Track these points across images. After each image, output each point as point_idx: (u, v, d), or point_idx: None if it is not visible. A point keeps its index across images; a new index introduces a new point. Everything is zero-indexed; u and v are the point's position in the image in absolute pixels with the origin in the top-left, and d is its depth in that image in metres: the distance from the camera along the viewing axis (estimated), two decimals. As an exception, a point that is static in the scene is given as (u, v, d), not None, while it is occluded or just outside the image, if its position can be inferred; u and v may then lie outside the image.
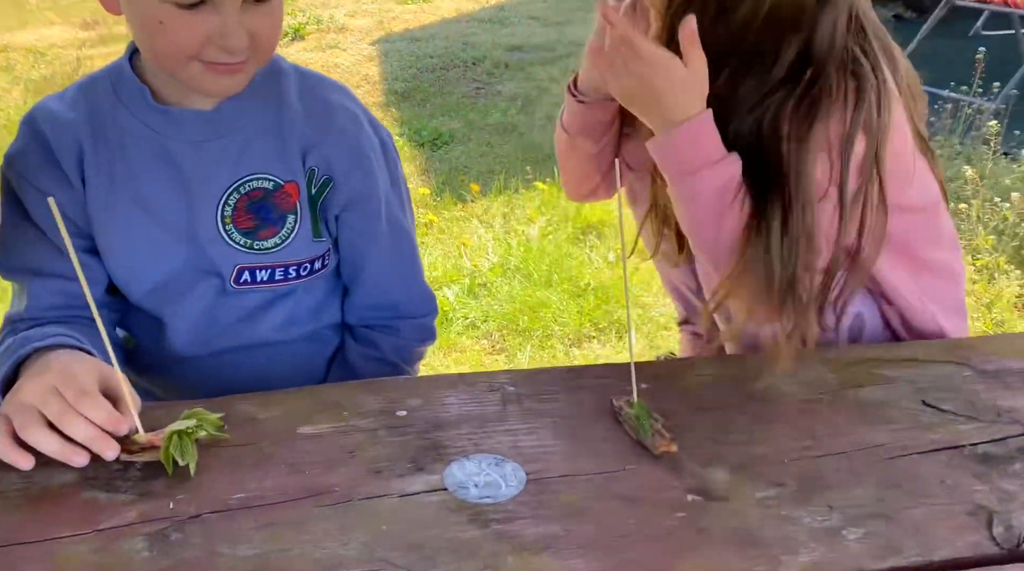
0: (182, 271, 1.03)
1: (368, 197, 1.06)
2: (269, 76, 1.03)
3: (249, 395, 0.88)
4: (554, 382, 0.92)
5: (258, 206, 1.01)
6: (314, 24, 5.88)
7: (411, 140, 4.01)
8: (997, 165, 3.01)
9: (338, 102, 1.05)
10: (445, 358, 2.42)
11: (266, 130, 1.02)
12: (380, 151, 1.08)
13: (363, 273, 1.11)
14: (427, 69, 5.00)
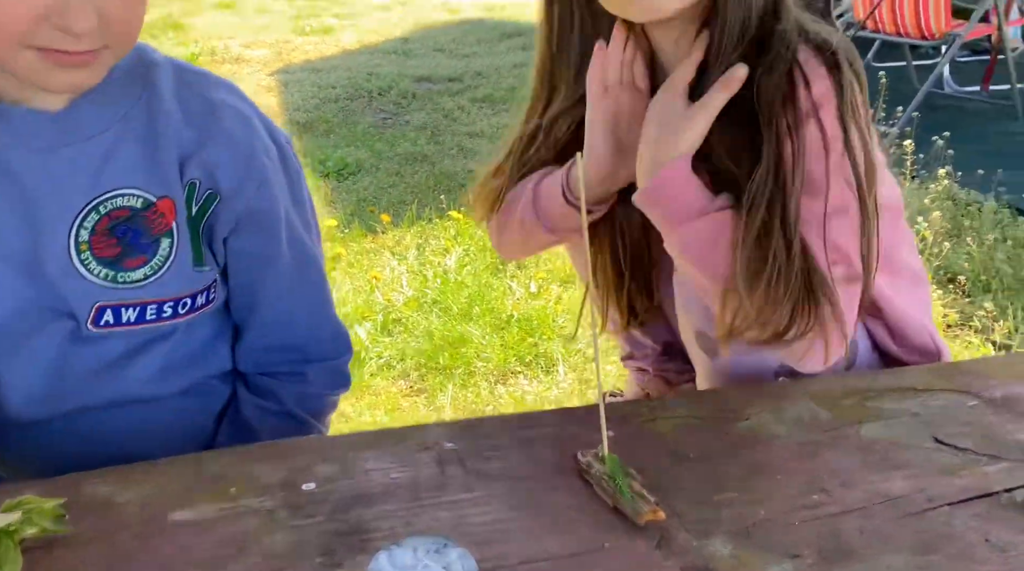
0: (24, 313, 0.81)
1: (264, 214, 0.87)
2: (137, 68, 0.83)
3: (104, 471, 0.67)
4: (501, 434, 0.75)
5: (123, 229, 0.81)
6: (208, 55, 5.60)
7: (315, 171, 3.79)
8: (910, 187, 3.03)
9: (224, 100, 0.86)
10: (358, 403, 2.21)
11: (133, 134, 0.82)
12: (278, 158, 0.89)
13: (259, 308, 0.91)
14: (330, 99, 4.80)
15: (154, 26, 6.41)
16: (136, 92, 0.83)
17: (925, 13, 3.96)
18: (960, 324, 2.43)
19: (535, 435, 0.75)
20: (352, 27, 6.74)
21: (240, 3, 7.38)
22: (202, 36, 6.19)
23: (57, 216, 0.79)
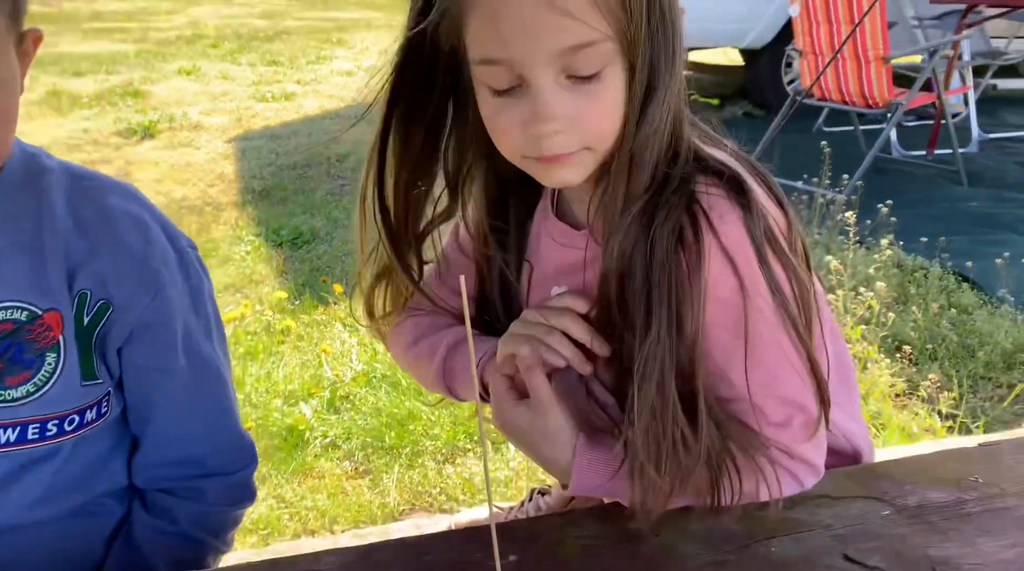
0: None
1: (158, 326, 0.84)
2: (27, 177, 0.82)
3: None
4: (394, 562, 0.71)
5: (7, 344, 0.78)
6: (166, 122, 5.59)
7: (268, 240, 3.76)
8: (856, 254, 3.07)
9: (119, 206, 0.84)
10: (300, 486, 2.14)
11: (19, 245, 0.79)
12: (176, 265, 0.87)
13: (155, 421, 0.87)
14: (288, 166, 4.80)
15: (113, 93, 6.41)
16: (25, 200, 0.81)
17: (868, 83, 4.09)
18: (908, 393, 2.44)
19: (428, 562, 0.72)
20: (314, 93, 6.80)
21: (202, 70, 7.42)
22: (161, 103, 6.19)
23: None
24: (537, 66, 0.72)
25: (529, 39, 0.72)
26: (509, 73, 0.74)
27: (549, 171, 0.78)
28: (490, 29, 0.73)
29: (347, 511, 2.03)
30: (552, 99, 0.73)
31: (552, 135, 0.74)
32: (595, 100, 0.74)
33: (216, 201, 4.29)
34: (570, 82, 0.74)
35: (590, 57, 0.73)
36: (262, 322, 2.98)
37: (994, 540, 0.76)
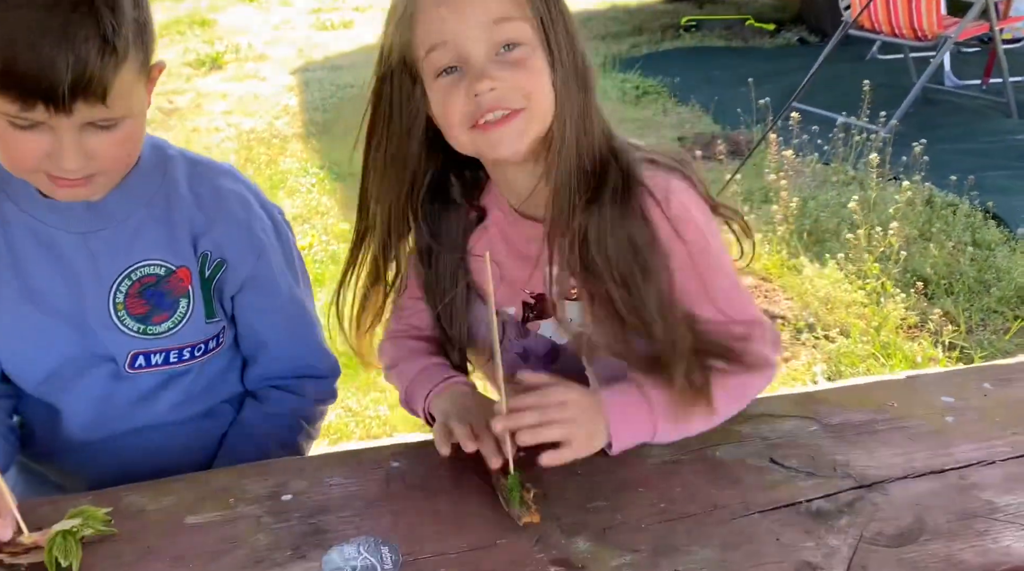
0: (76, 359, 1.05)
1: (264, 277, 1.11)
2: (157, 164, 1.06)
3: (140, 485, 0.92)
4: (437, 454, 0.98)
5: (151, 292, 1.05)
6: (233, 53, 5.85)
7: (332, 173, 4.03)
8: (885, 191, 3.19)
9: (227, 186, 1.09)
10: (364, 398, 2.46)
11: (155, 218, 1.05)
12: (272, 231, 1.12)
13: (265, 348, 1.15)
14: (348, 98, 5.02)
15: (181, 22, 6.68)
16: (156, 183, 1.05)
17: (918, 14, 4.07)
18: (919, 326, 2.62)
19: (462, 454, 0.98)
20: (372, 20, 6.94)
21: (264, -3, 7.60)
22: (227, 32, 6.43)
23: (98, 283, 1.03)
24: (470, 39, 0.89)
25: (462, 16, 0.89)
26: (450, 52, 0.89)
27: (492, 139, 0.92)
28: (432, 18, 0.89)
29: (404, 421, 2.34)
30: (488, 65, 0.89)
31: (487, 92, 0.89)
32: (524, 67, 0.90)
33: (282, 133, 4.55)
34: (502, 54, 0.90)
35: (515, 30, 0.90)
36: (328, 252, 3.28)
37: (889, 449, 0.99)
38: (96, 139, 0.90)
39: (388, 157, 0.98)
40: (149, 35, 0.93)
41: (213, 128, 4.59)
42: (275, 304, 1.13)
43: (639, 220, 0.94)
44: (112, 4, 0.85)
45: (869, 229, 2.83)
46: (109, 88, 0.86)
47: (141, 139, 0.99)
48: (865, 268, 2.75)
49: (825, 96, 4.30)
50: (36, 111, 0.85)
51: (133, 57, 0.89)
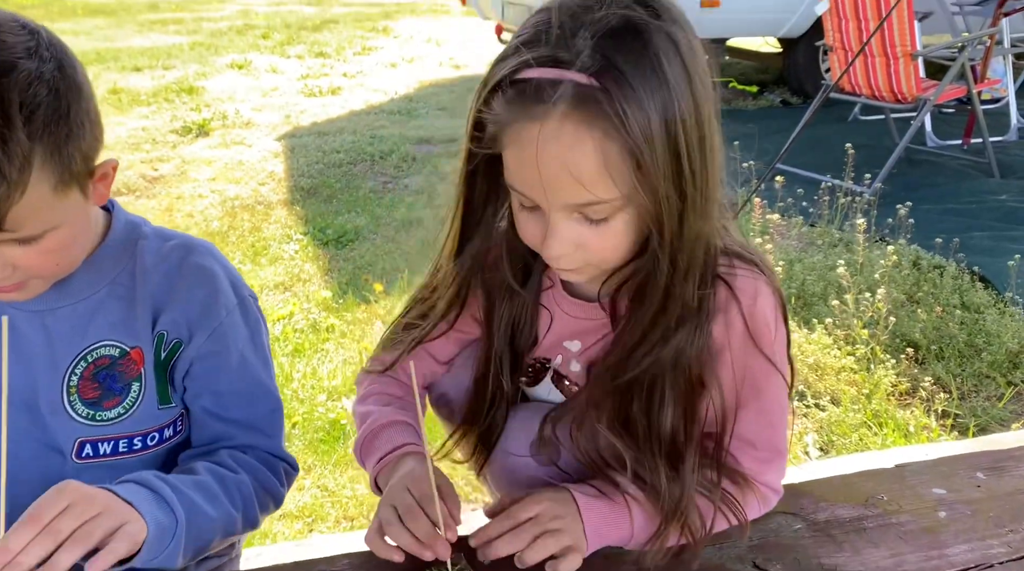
0: (22, 443, 0.99)
1: (219, 353, 1.04)
2: (127, 242, 1.03)
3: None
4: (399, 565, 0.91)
5: (104, 374, 1.00)
6: (219, 119, 5.88)
7: (315, 239, 4.00)
8: (872, 254, 3.17)
9: (196, 262, 1.04)
10: (341, 476, 2.37)
11: (116, 296, 1.01)
12: (236, 309, 1.06)
13: (221, 431, 1.06)
14: (334, 164, 5.04)
15: (169, 89, 6.73)
16: (124, 260, 1.02)
17: (896, 78, 4.13)
18: (910, 392, 2.56)
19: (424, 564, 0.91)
20: (359, 86, 7.03)
21: (253, 64, 7.71)
22: (214, 99, 6.49)
23: (52, 365, 0.98)
24: (552, 209, 0.84)
25: (547, 191, 0.83)
26: (529, 203, 0.86)
27: (559, 273, 0.94)
28: (518, 169, 0.84)
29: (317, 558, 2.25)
30: (561, 232, 0.85)
31: (558, 258, 0.87)
32: (601, 236, 0.85)
33: (267, 199, 4.54)
34: (581, 217, 0.85)
35: (600, 210, 0.84)
36: (309, 320, 3.22)
37: (878, 551, 0.93)
38: (16, 252, 0.87)
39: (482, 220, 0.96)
40: (73, 147, 0.87)
41: (197, 195, 4.58)
42: (231, 388, 1.05)
43: (702, 330, 0.89)
44: (2, 134, 0.79)
45: (856, 293, 2.79)
46: (2, 215, 0.81)
47: (78, 241, 0.95)
48: (854, 333, 2.71)
49: (809, 157, 4.33)
50: None
51: (40, 180, 0.83)
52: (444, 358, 1.11)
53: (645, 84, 0.78)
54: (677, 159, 0.81)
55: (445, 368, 1.12)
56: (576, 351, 1.02)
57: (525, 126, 0.81)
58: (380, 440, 1.01)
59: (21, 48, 0.84)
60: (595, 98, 0.78)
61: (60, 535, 0.77)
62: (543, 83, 0.79)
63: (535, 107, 0.79)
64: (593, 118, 0.78)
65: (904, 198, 3.45)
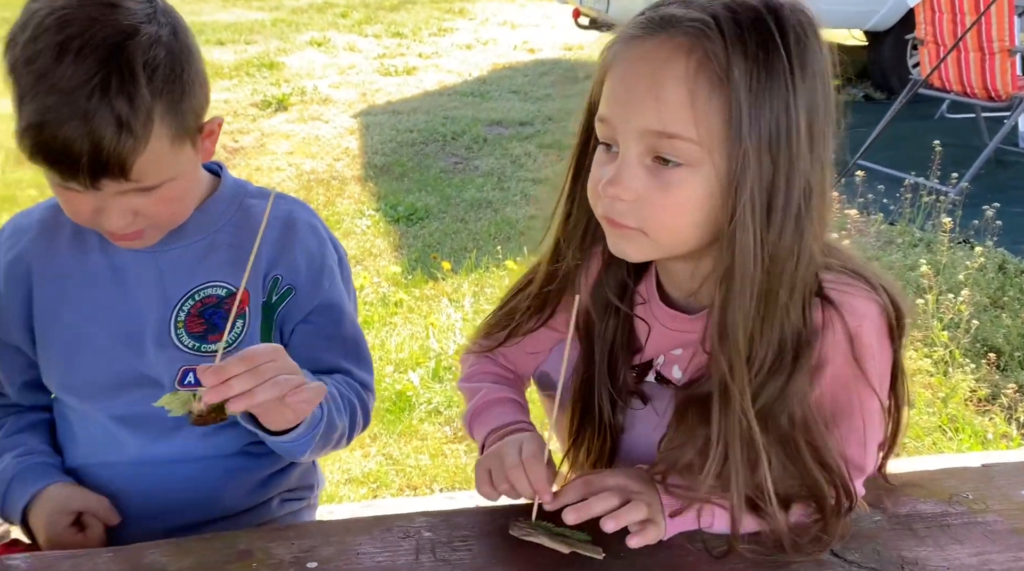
0: (127, 378, 1.05)
1: (332, 306, 1.11)
2: (233, 197, 1.10)
3: (162, 543, 0.89)
4: (472, 525, 0.93)
5: (210, 312, 1.06)
6: (298, 95, 5.99)
7: (387, 216, 4.06)
8: (955, 255, 3.07)
9: (303, 218, 1.12)
10: (406, 446, 2.42)
11: (226, 242, 1.07)
12: (338, 265, 1.14)
13: (329, 367, 1.12)
14: (407, 143, 5.09)
15: (251, 64, 6.89)
16: (230, 212, 1.09)
17: (991, 75, 3.97)
18: (990, 400, 2.48)
19: (498, 527, 0.93)
20: (434, 67, 7.08)
21: (331, 41, 7.82)
22: (294, 75, 6.61)
23: (162, 301, 1.05)
24: (627, 135, 0.82)
25: (627, 110, 0.82)
26: (611, 134, 0.84)
27: (612, 236, 0.88)
28: (609, 90, 0.84)
29: (445, 472, 2.30)
30: (627, 170, 0.82)
31: (613, 200, 0.84)
32: (667, 190, 0.82)
33: (341, 175, 4.63)
34: (654, 164, 0.82)
35: (675, 148, 0.80)
36: (379, 294, 3.28)
37: (962, 548, 0.91)
38: (139, 200, 0.94)
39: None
40: (187, 104, 0.94)
41: (275, 168, 4.69)
42: (340, 332, 1.12)
43: (807, 357, 0.86)
44: (129, 91, 0.87)
45: (937, 294, 2.71)
46: (129, 166, 0.89)
47: (189, 193, 1.02)
48: (932, 335, 2.63)
49: (891, 154, 4.20)
50: (74, 182, 0.90)
51: (160, 133, 0.90)
52: (536, 350, 1.11)
53: (763, 56, 0.79)
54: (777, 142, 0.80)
55: (538, 357, 1.12)
56: (679, 356, 0.99)
57: (631, 45, 0.83)
58: (491, 414, 1.04)
59: (142, 14, 0.91)
60: (706, 35, 0.79)
61: (263, 376, 0.85)
62: (662, 17, 0.82)
63: (646, 29, 0.83)
64: (695, 48, 0.80)
65: (991, 200, 3.32)
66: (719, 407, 0.85)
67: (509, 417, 1.04)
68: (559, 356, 1.10)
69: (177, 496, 1.07)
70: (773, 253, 0.82)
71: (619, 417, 1.02)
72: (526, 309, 1.04)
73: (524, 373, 1.14)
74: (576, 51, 7.63)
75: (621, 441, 1.03)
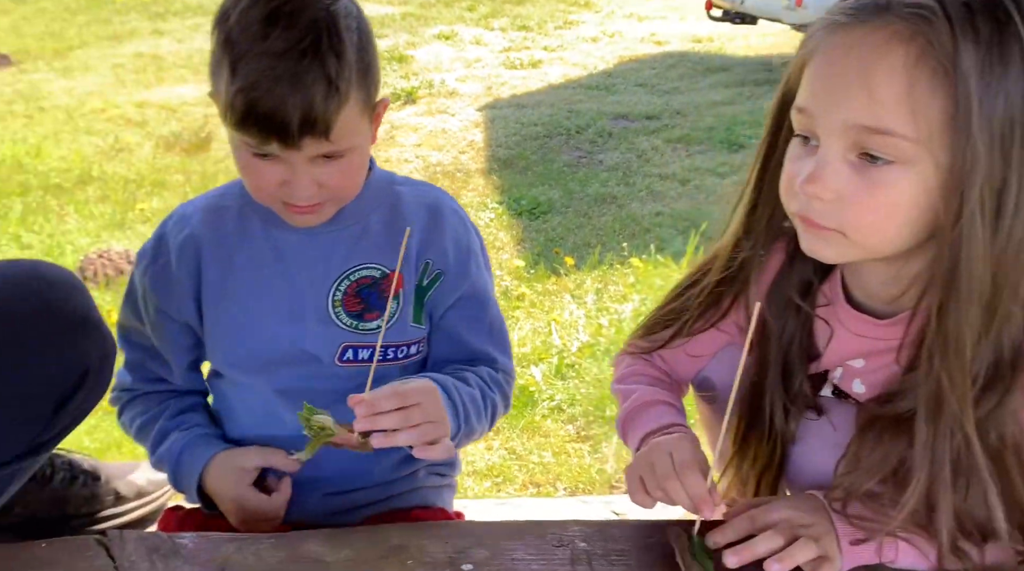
0: (287, 352, 1.09)
1: (478, 292, 1.14)
2: (383, 185, 1.13)
3: (319, 533, 0.89)
4: (628, 538, 0.90)
5: (366, 292, 1.09)
6: (426, 88, 6.09)
7: (510, 209, 4.06)
8: None
9: (452, 207, 1.15)
10: (528, 442, 2.40)
11: (381, 224, 1.10)
12: (480, 252, 1.17)
13: (473, 351, 1.15)
14: (531, 137, 5.09)
15: (381, 57, 7.02)
16: (382, 198, 1.12)
17: None
18: None
19: (657, 542, 0.89)
20: (559, 60, 7.05)
21: (459, 35, 7.92)
22: (422, 68, 6.73)
23: (322, 279, 1.08)
24: (829, 129, 0.76)
25: (831, 101, 0.76)
26: (810, 126, 0.79)
27: (806, 235, 0.82)
28: (811, 79, 0.79)
29: (568, 471, 2.27)
30: (828, 167, 0.76)
31: (811, 198, 0.78)
32: (873, 190, 0.76)
33: (466, 167, 4.67)
34: (859, 161, 0.76)
35: (886, 145, 0.74)
36: (501, 287, 3.28)
37: None
38: (324, 169, 0.98)
39: None
40: (372, 77, 1.01)
41: (403, 160, 4.78)
42: (486, 317, 1.15)
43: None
44: (337, 51, 0.94)
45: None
46: (332, 125, 0.94)
47: (365, 168, 1.06)
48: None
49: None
50: (271, 145, 0.94)
51: (355, 97, 0.96)
52: (699, 353, 1.06)
53: (997, 41, 0.71)
54: (1011, 136, 0.71)
55: (700, 361, 1.07)
56: (860, 368, 0.92)
57: (836, 32, 0.77)
58: (645, 417, 1.01)
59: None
60: (928, 20, 0.71)
61: (409, 420, 0.93)
62: (875, 2, 0.75)
63: (856, 16, 0.75)
64: (915, 36, 0.72)
65: None
66: (927, 426, 0.77)
67: (663, 420, 1.00)
68: (723, 360, 1.05)
69: (334, 467, 1.10)
70: (1000, 257, 0.74)
71: (791, 426, 0.95)
72: (697, 306, 0.99)
73: (683, 378, 1.09)
74: (705, 43, 7.43)
75: (791, 452, 0.96)
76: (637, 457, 0.94)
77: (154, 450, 1.12)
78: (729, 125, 5.09)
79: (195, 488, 1.07)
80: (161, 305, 1.10)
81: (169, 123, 5.33)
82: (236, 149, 0.99)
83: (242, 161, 0.98)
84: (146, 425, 1.13)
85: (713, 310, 0.98)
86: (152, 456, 1.13)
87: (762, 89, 5.83)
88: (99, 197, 4.17)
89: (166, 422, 1.13)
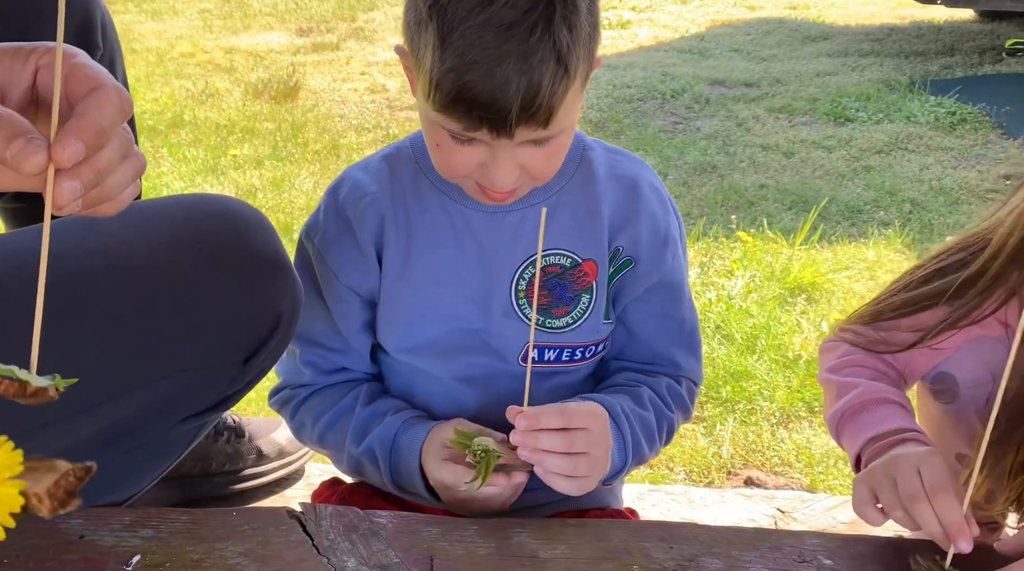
0: (468, 337, 0.98)
1: (673, 282, 1.01)
2: (575, 151, 0.98)
3: (529, 523, 0.80)
4: (875, 556, 0.79)
5: (554, 283, 0.96)
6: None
7: (606, 173, 3.92)
8: None
9: (646, 179, 1.00)
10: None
11: (567, 205, 0.97)
12: (679, 237, 1.02)
13: (654, 360, 1.04)
14: (623, 99, 4.91)
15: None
16: (571, 171, 0.97)
17: None
18: None
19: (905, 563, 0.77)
20: (648, 21, 6.80)
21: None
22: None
23: (503, 266, 0.96)
24: None
25: None
26: None
27: None
28: None
29: (682, 453, 2.16)
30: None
31: None
32: None
33: (557, 128, 4.52)
34: None
35: None
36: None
37: None
38: (529, 154, 0.85)
39: None
40: (597, 38, 0.85)
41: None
42: (678, 315, 1.02)
43: None
44: (570, 22, 0.78)
45: None
46: (556, 112, 0.82)
47: (567, 148, 0.92)
48: None
49: None
50: (479, 132, 0.82)
51: (580, 72, 0.82)
52: (943, 346, 0.94)
53: None
54: None
55: (940, 355, 0.94)
56: None
57: None
58: (870, 417, 0.89)
59: None
60: None
61: (571, 447, 0.84)
62: None
63: None
64: None
65: None
66: None
67: (893, 423, 0.88)
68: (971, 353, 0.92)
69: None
70: None
71: None
72: (963, 295, 0.87)
73: (913, 372, 0.97)
74: (801, 10, 7.09)
75: None
76: (874, 468, 0.83)
77: (357, 443, 0.98)
78: (834, 97, 4.83)
79: (418, 470, 0.93)
80: (349, 282, 0.98)
81: (257, 70, 5.28)
82: (430, 124, 0.85)
83: (435, 139, 0.86)
84: (339, 419, 1.00)
85: (985, 296, 0.86)
86: (344, 454, 0.99)
87: (867, 60, 5.53)
88: (192, 141, 4.15)
89: (363, 409, 0.99)
